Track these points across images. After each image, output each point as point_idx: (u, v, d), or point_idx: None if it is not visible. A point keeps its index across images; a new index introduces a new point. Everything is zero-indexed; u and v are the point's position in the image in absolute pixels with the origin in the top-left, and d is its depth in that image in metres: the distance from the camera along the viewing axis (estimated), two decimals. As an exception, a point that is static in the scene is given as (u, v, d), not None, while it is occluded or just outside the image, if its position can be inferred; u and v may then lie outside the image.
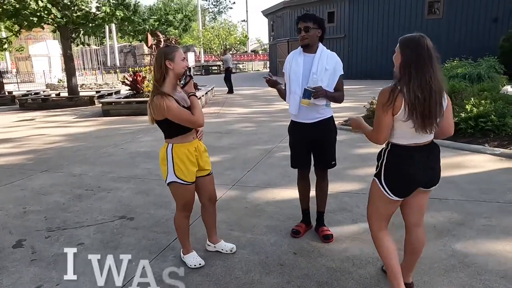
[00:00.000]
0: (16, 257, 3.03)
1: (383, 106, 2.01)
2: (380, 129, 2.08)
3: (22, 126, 9.93)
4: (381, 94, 2.04)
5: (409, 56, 1.99)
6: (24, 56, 26.02)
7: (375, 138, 2.15)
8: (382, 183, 2.18)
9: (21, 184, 4.88)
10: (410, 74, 1.96)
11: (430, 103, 1.96)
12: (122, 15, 13.53)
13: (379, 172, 2.21)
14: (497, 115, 6.08)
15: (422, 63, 1.96)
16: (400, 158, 2.12)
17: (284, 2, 29.19)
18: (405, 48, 2.02)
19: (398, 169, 2.14)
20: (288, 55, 3.13)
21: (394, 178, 2.16)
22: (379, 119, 2.06)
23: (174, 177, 2.56)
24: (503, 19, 18.83)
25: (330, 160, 3.11)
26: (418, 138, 2.08)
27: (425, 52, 1.97)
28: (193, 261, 2.77)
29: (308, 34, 2.90)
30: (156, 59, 2.54)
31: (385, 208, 2.25)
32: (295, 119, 3.08)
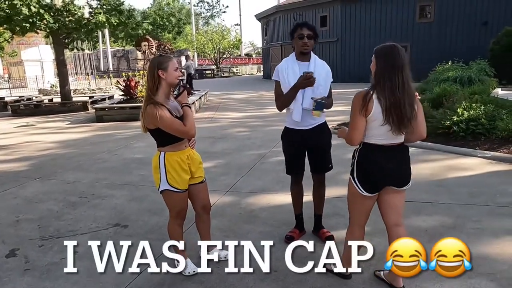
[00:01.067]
0: (10, 266, 3.02)
1: (357, 110, 2.20)
2: (354, 131, 2.25)
3: (14, 133, 9.87)
4: (355, 99, 2.23)
5: (382, 64, 2.17)
6: (16, 61, 25.86)
7: (350, 139, 2.30)
8: (355, 179, 2.37)
9: (14, 192, 4.86)
10: (384, 81, 2.15)
11: (404, 106, 2.14)
12: (116, 22, 13.52)
13: (352, 169, 2.40)
14: (487, 118, 6.17)
15: (395, 70, 2.14)
16: (371, 154, 2.30)
17: (277, 6, 29.40)
18: (379, 57, 2.20)
19: (368, 165, 2.32)
20: (280, 63, 3.09)
21: (365, 174, 2.34)
22: (354, 122, 2.24)
23: (167, 185, 2.58)
24: (493, 22, 19.11)
25: (328, 163, 3.16)
26: (390, 139, 2.26)
27: (397, 60, 2.14)
28: (187, 268, 2.78)
29: (310, 42, 2.94)
30: (149, 68, 2.56)
31: (360, 205, 2.44)
32: (293, 126, 3.06)
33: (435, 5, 20.56)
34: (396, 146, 2.30)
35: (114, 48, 47.11)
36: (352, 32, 22.91)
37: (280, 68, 3.04)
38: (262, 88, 21.29)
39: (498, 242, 3.07)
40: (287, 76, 2.97)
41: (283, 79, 2.99)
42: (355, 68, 22.40)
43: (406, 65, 2.16)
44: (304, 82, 2.84)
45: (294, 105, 2.97)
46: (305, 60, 2.99)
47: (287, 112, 3.11)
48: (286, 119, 3.15)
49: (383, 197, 2.41)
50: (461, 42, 19.81)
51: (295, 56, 3.03)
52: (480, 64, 13.28)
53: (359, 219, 2.49)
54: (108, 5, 13.66)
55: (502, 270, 2.66)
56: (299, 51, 2.99)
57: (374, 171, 2.31)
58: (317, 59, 3.04)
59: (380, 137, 2.25)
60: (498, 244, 3.03)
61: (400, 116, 2.14)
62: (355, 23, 22.77)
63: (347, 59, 22.93)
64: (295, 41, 2.99)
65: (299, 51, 2.98)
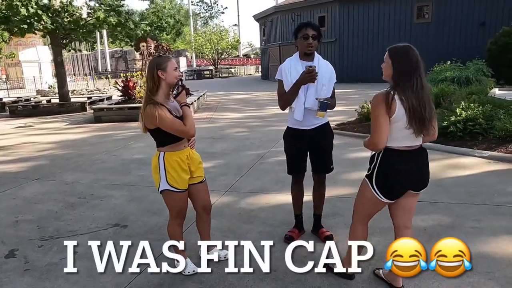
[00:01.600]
0: (9, 267, 3.02)
1: (381, 111, 2.12)
2: (380, 131, 2.14)
3: (13, 134, 9.85)
4: (377, 100, 2.15)
5: (400, 67, 2.12)
6: (14, 62, 25.82)
7: (375, 143, 2.18)
8: (374, 186, 2.28)
9: (12, 193, 4.86)
10: (403, 83, 2.11)
11: (425, 108, 2.12)
12: (115, 22, 13.51)
13: (371, 175, 2.29)
14: (485, 118, 6.19)
15: (413, 72, 2.10)
16: (394, 161, 2.21)
17: (276, 6, 29.43)
18: (396, 59, 2.14)
19: (391, 172, 2.23)
20: (284, 63, 3.05)
21: (387, 181, 2.25)
22: (379, 123, 2.14)
23: (167, 185, 2.59)
24: (491, 23, 19.18)
25: (329, 164, 3.16)
26: (411, 141, 2.21)
27: (414, 62, 2.11)
28: (187, 268, 2.78)
29: (314, 42, 2.93)
30: (148, 69, 2.57)
31: (372, 208, 2.40)
32: (296, 126, 3.04)
33: (432, 6, 20.63)
34: (416, 149, 2.25)
35: (112, 49, 47.08)
36: (350, 33, 22.96)
37: (283, 67, 3.01)
38: (260, 89, 21.31)
39: (497, 240, 3.08)
40: (290, 75, 2.95)
41: (286, 78, 2.96)
42: (353, 69, 22.45)
43: (422, 67, 2.14)
44: (306, 77, 2.79)
45: (296, 104, 2.95)
46: (309, 60, 2.98)
47: (289, 112, 3.09)
48: (289, 119, 3.13)
49: (399, 200, 2.35)
50: (459, 42, 19.87)
51: (299, 56, 3.01)
52: (477, 64, 13.32)
53: (364, 219, 2.47)
54: (106, 6, 13.66)
55: (500, 269, 2.68)
56: (303, 52, 2.96)
57: (398, 178, 2.24)
58: (321, 59, 3.03)
59: (402, 140, 2.19)
60: (497, 242, 3.05)
61: (422, 117, 2.11)
62: (353, 24, 22.82)
63: (345, 59, 22.98)
64: (299, 41, 2.96)
65: (304, 52, 2.96)
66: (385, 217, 3.48)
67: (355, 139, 7.07)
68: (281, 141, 3.31)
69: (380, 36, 21.90)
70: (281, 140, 3.34)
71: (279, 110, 3.20)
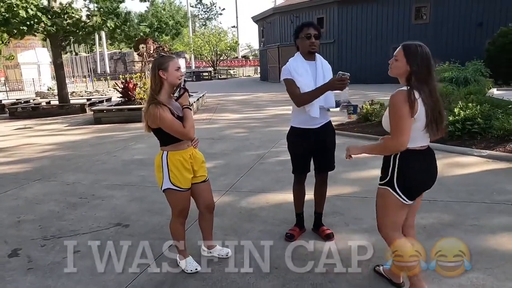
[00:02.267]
0: (12, 266, 3.04)
1: (405, 111, 2.03)
2: (404, 132, 2.06)
3: (13, 135, 9.87)
4: (400, 99, 2.04)
5: (419, 67, 2.06)
6: (13, 64, 25.81)
7: (398, 143, 2.10)
8: (396, 190, 2.18)
9: (14, 194, 4.88)
10: (422, 84, 2.06)
11: (440, 108, 2.12)
12: (113, 25, 13.55)
13: (391, 180, 2.20)
14: (483, 118, 6.24)
15: (430, 73, 2.08)
16: (413, 161, 2.17)
17: (274, 8, 29.51)
18: (414, 57, 2.07)
19: (413, 173, 2.18)
20: (290, 63, 3.00)
21: (410, 182, 2.19)
22: (402, 122, 2.05)
23: (170, 184, 2.61)
24: (488, 23, 19.26)
25: (333, 162, 3.19)
26: (424, 141, 2.20)
27: (430, 62, 2.09)
28: (189, 266, 2.81)
29: (317, 42, 2.95)
30: (151, 69, 2.60)
31: (400, 216, 2.27)
32: (302, 125, 3.04)
33: (430, 7, 20.72)
34: (427, 148, 2.24)
35: (111, 51, 47.11)
36: (349, 34, 23.03)
37: (291, 67, 2.95)
38: (259, 90, 21.35)
39: (495, 238, 3.12)
40: (301, 74, 2.92)
41: (298, 77, 2.91)
42: (351, 69, 22.33)
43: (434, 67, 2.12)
44: (336, 84, 2.71)
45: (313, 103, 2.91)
46: (311, 59, 3.00)
47: (294, 113, 3.10)
48: (293, 119, 3.12)
49: None
50: (457, 43, 19.96)
51: (302, 56, 3.00)
52: (475, 64, 13.39)
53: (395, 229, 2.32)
54: (105, 8, 13.69)
55: (499, 265, 2.71)
56: (307, 51, 2.96)
57: (419, 179, 2.22)
58: (322, 59, 3.07)
59: (420, 140, 2.17)
60: (495, 240, 3.08)
61: (440, 117, 2.11)
62: (352, 25, 22.90)
63: (344, 60, 23.03)
64: (301, 41, 2.96)
65: (307, 51, 2.95)
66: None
67: (354, 139, 7.10)
68: (281, 141, 3.35)
69: (378, 37, 21.99)
70: (281, 140, 3.38)
71: (278, 111, 3.25)
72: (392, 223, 2.29)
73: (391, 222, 2.29)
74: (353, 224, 3.53)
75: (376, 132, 7.27)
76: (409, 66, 2.07)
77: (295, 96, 2.93)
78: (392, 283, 2.56)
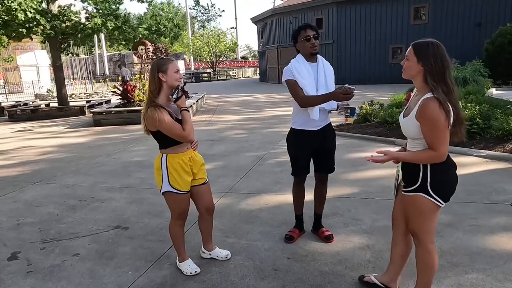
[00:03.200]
0: (12, 269, 3.04)
1: (445, 121, 1.92)
2: (446, 143, 1.98)
3: (12, 138, 9.87)
4: (438, 109, 1.91)
5: (433, 65, 1.94)
6: (12, 67, 25.81)
7: (442, 155, 2.01)
8: (432, 195, 2.10)
9: (13, 196, 4.87)
10: (448, 86, 1.94)
11: (461, 110, 2.02)
12: (112, 26, 13.56)
13: (424, 185, 2.10)
14: (482, 118, 6.25)
15: (446, 72, 1.95)
16: (444, 164, 2.09)
17: (273, 9, 29.52)
18: (425, 57, 1.95)
19: (447, 174, 2.12)
20: (292, 64, 2.99)
21: (445, 184, 2.12)
22: (444, 134, 1.95)
23: (169, 186, 2.61)
24: (487, 23, 19.30)
25: (333, 164, 3.20)
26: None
27: (447, 60, 1.95)
28: (189, 269, 2.81)
29: (317, 42, 2.95)
30: (150, 71, 2.60)
31: (435, 220, 2.21)
32: (302, 127, 3.04)
33: (429, 7, 20.76)
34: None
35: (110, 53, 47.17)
36: (348, 34, 23.07)
37: (293, 68, 2.94)
38: (258, 91, 21.36)
39: (494, 238, 3.12)
40: (303, 75, 2.92)
41: (301, 78, 2.90)
42: (350, 70, 22.54)
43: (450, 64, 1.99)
44: (341, 96, 2.71)
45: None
46: (313, 61, 3.01)
47: (294, 114, 3.10)
48: (293, 120, 3.11)
49: None
50: (455, 43, 19.95)
51: (304, 57, 3.00)
52: (474, 65, 13.40)
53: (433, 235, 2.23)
54: (104, 10, 13.71)
55: (498, 265, 2.71)
56: (309, 53, 2.96)
57: (453, 180, 2.15)
58: (324, 60, 3.08)
59: None
60: (494, 240, 3.09)
61: (461, 120, 2.02)
62: (350, 26, 22.95)
63: (343, 61, 23.08)
64: (301, 44, 2.96)
65: (309, 53, 2.96)
66: (386, 216, 3.52)
67: (354, 140, 7.11)
68: (280, 142, 3.34)
69: (377, 37, 22.02)
70: (280, 141, 3.38)
71: (277, 112, 3.26)
72: (431, 229, 2.20)
73: (431, 229, 2.20)
74: (353, 225, 3.53)
75: (375, 133, 7.29)
76: (421, 65, 1.95)
77: (299, 98, 2.92)
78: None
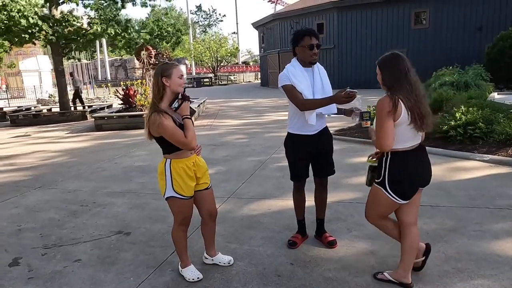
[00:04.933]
0: (13, 275, 3.02)
1: (387, 114, 2.23)
2: (386, 135, 2.26)
3: (14, 143, 9.87)
4: (383, 103, 2.26)
5: (391, 74, 2.32)
6: (14, 72, 25.91)
7: (382, 145, 2.30)
8: (388, 191, 2.37)
9: (15, 202, 4.86)
10: (399, 87, 2.27)
11: (421, 105, 2.28)
12: (113, 33, 13.61)
13: (383, 181, 2.38)
14: (484, 122, 6.22)
15: (403, 76, 2.28)
16: (403, 162, 2.34)
17: (274, 14, 29.66)
18: (383, 68, 2.35)
19: (404, 174, 2.35)
20: (288, 69, 2.98)
21: (402, 183, 2.36)
22: (384, 126, 2.25)
23: (173, 191, 2.59)
24: (488, 27, 19.32)
25: (332, 166, 3.20)
26: (413, 140, 2.35)
27: (402, 67, 2.29)
28: (191, 275, 2.78)
29: (318, 51, 2.96)
30: (154, 76, 2.59)
31: (389, 211, 2.51)
32: (299, 131, 3.03)
33: (430, 12, 20.80)
34: (418, 147, 2.38)
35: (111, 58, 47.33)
36: (349, 39, 23.12)
37: (289, 73, 2.93)
38: (259, 96, 21.38)
39: (499, 243, 3.09)
40: (300, 80, 2.91)
41: (298, 82, 2.90)
42: (352, 74, 22.56)
43: (410, 69, 2.30)
44: (343, 99, 2.69)
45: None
46: (308, 66, 3.00)
47: (290, 118, 3.10)
48: (290, 125, 3.11)
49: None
50: (456, 47, 19.99)
51: (300, 63, 2.98)
52: (476, 69, 13.37)
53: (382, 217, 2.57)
54: (105, 15, 13.76)
55: (504, 271, 2.68)
56: (308, 61, 2.95)
57: (411, 179, 2.37)
58: (319, 65, 3.08)
59: (407, 140, 2.33)
60: (499, 245, 3.06)
61: (421, 113, 2.26)
62: (351, 30, 23.00)
63: (344, 65, 23.10)
64: (302, 50, 2.93)
65: (308, 61, 2.95)
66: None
67: (355, 145, 7.09)
68: (281, 147, 3.32)
69: (378, 42, 22.04)
70: (281, 146, 3.35)
71: (278, 117, 3.25)
72: (377, 215, 2.56)
73: (377, 214, 2.55)
74: (356, 230, 3.51)
75: (377, 137, 7.26)
76: (383, 75, 2.34)
77: (298, 101, 2.89)
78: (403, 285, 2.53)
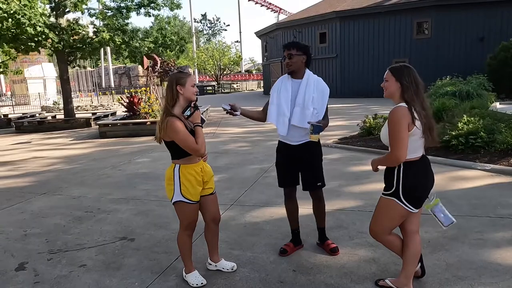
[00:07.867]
0: (19, 280, 3.07)
1: (404, 125, 2.25)
2: (402, 146, 2.27)
3: (19, 149, 9.97)
4: (401, 115, 2.27)
5: (408, 84, 2.32)
6: (20, 79, 26.18)
7: (398, 156, 2.30)
8: (403, 201, 2.38)
9: (20, 207, 4.92)
10: (415, 99, 2.31)
11: (431, 118, 2.36)
12: (120, 41, 13.78)
13: (396, 191, 2.38)
14: (486, 131, 6.26)
15: (419, 87, 2.34)
16: (416, 171, 2.38)
17: (277, 23, 29.90)
18: (401, 77, 2.34)
19: (418, 182, 2.39)
20: (277, 80, 3.27)
21: (416, 192, 2.40)
22: (401, 137, 2.26)
23: (181, 196, 2.66)
24: (489, 38, 19.43)
25: (315, 181, 3.17)
26: (420, 150, 2.41)
27: (418, 79, 2.36)
28: (195, 280, 2.82)
29: (291, 61, 3.05)
30: (168, 82, 2.69)
31: (398, 223, 2.51)
32: (282, 139, 3.20)
33: (432, 22, 20.95)
34: (422, 156, 2.43)
35: (115, 66, 47.72)
36: (351, 48, 23.25)
37: (275, 86, 3.25)
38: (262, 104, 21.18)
39: (500, 252, 3.11)
40: (278, 91, 3.15)
41: (274, 93, 3.18)
42: (354, 83, 22.66)
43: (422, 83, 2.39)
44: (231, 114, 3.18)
45: (278, 119, 3.11)
46: (298, 77, 3.11)
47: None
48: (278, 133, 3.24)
49: None
50: (458, 57, 20.09)
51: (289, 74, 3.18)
52: (478, 78, 13.43)
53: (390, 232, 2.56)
54: (112, 25, 13.95)
55: (504, 279, 2.71)
56: (286, 71, 3.18)
57: (424, 187, 2.42)
58: (311, 77, 3.12)
59: (417, 150, 2.38)
60: (500, 254, 3.08)
61: (432, 126, 2.33)
62: (354, 40, 23.14)
63: (346, 74, 23.20)
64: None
65: (286, 71, 3.18)
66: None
67: (357, 153, 7.14)
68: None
69: (380, 51, 22.18)
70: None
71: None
72: (388, 229, 2.53)
73: (388, 228, 2.52)
74: (358, 238, 3.54)
75: (379, 146, 7.31)
76: (399, 83, 2.33)
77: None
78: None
